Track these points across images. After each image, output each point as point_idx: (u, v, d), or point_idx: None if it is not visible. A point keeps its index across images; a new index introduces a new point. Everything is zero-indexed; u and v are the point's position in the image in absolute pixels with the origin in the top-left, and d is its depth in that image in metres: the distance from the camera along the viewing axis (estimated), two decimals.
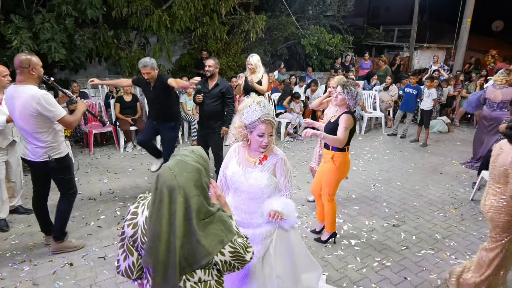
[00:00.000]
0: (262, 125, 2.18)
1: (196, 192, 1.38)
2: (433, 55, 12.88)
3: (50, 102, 2.94)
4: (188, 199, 1.36)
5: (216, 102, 4.70)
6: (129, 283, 3.03)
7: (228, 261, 1.48)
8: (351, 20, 15.23)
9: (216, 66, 4.67)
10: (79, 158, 6.15)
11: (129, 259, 1.57)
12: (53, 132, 3.11)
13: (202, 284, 1.49)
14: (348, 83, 3.41)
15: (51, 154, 3.10)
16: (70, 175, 3.33)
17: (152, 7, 7.73)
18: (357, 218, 4.28)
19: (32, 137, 3.04)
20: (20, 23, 6.15)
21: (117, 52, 7.89)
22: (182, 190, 1.36)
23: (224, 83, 4.78)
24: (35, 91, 2.92)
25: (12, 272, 3.16)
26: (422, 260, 3.49)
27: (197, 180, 1.40)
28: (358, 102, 3.41)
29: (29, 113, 2.92)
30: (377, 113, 8.43)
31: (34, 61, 2.99)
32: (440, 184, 5.39)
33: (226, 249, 1.45)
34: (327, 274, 3.22)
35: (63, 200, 3.36)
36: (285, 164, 2.37)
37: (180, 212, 1.35)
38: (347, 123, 3.31)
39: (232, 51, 9.74)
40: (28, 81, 2.98)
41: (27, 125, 2.99)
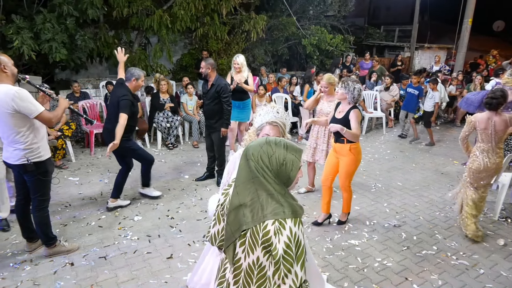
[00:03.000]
0: (268, 127, 2.15)
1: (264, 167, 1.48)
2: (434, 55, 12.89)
3: (24, 98, 2.84)
4: (273, 170, 1.47)
5: (213, 102, 4.86)
6: (131, 283, 3.03)
7: (280, 255, 1.45)
8: (352, 20, 15.23)
9: (208, 66, 4.77)
10: (80, 158, 6.16)
11: (216, 227, 1.71)
12: (33, 133, 3.00)
13: (258, 267, 1.51)
14: (348, 79, 3.67)
15: (29, 157, 3.00)
16: (47, 180, 3.21)
17: (153, 7, 7.73)
18: (358, 219, 4.28)
19: (10, 138, 2.95)
20: (21, 23, 6.15)
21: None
22: (256, 164, 1.47)
23: (219, 82, 4.82)
24: (9, 88, 2.84)
25: (13, 272, 3.16)
26: (423, 260, 3.49)
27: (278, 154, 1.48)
28: (357, 97, 3.61)
29: (6, 113, 2.84)
30: (378, 113, 8.42)
31: (4, 59, 2.91)
32: (441, 184, 5.39)
33: (284, 234, 1.46)
34: (328, 274, 3.22)
35: (36, 207, 3.20)
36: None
37: (257, 178, 1.47)
38: (358, 118, 3.62)
39: (233, 51, 9.73)
40: (2, 80, 2.88)
41: (5, 125, 2.91)
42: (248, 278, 1.53)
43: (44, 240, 3.32)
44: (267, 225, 1.47)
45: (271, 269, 1.51)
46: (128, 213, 4.29)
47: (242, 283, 1.56)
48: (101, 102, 6.98)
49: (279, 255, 1.46)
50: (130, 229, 3.92)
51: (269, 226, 1.47)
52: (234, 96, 5.59)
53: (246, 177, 1.50)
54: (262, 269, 1.52)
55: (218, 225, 1.71)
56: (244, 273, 1.55)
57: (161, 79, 7.06)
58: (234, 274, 1.59)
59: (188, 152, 6.68)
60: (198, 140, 7.08)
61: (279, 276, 1.49)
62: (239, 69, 5.50)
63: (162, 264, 3.31)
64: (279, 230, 1.46)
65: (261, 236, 1.47)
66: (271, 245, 1.47)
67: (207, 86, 4.92)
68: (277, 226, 1.46)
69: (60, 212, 4.26)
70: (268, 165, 1.47)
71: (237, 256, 1.57)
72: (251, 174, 1.49)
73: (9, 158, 3.03)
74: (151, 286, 3.02)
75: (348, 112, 3.64)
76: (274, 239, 1.46)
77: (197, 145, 6.94)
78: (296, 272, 1.49)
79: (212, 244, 1.74)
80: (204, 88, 5.04)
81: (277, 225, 1.46)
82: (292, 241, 1.48)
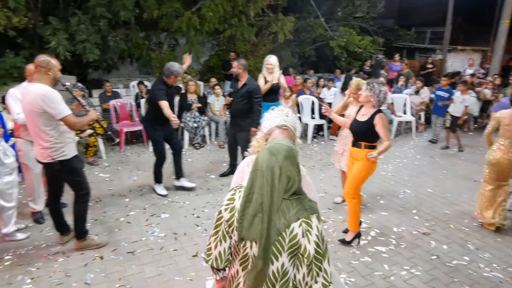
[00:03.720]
0: (277, 131, 1.98)
1: (292, 168, 1.47)
2: (467, 57, 12.46)
3: (54, 100, 2.94)
4: (285, 173, 1.45)
5: (244, 101, 4.95)
6: (157, 279, 3.09)
7: (312, 256, 1.46)
8: (381, 22, 14.93)
9: (239, 67, 4.89)
10: (110, 155, 6.33)
11: (221, 246, 1.62)
12: (58, 133, 3.09)
13: (281, 273, 1.49)
14: (373, 81, 3.50)
15: (54, 156, 3.09)
16: (78, 177, 3.31)
17: (182, 9, 7.86)
18: (385, 225, 4.19)
19: (38, 137, 3.06)
20: (57, 24, 6.41)
21: (148, 53, 8.07)
22: (281, 166, 1.44)
23: (252, 83, 4.96)
24: (42, 88, 2.94)
25: (47, 263, 3.29)
26: (454, 271, 3.37)
27: (293, 157, 1.49)
28: (382, 100, 3.45)
29: (35, 111, 2.94)
30: (407, 117, 8.22)
31: (53, 63, 3.04)
32: (473, 192, 5.17)
33: (312, 234, 1.47)
34: (353, 281, 3.17)
35: (76, 201, 3.37)
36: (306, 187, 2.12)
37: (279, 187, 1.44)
38: (385, 124, 3.45)
39: (260, 52, 9.76)
40: (41, 81, 3.00)
41: (33, 123, 3.02)
42: (271, 285, 1.50)
43: (77, 232, 3.45)
44: (293, 229, 1.45)
45: (301, 271, 1.50)
46: (155, 210, 4.37)
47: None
48: (131, 101, 7.16)
49: (311, 256, 1.46)
50: (157, 226, 4.00)
51: (296, 229, 1.46)
52: (267, 98, 5.52)
53: (256, 189, 1.46)
54: (286, 274, 1.51)
55: (224, 243, 1.61)
56: (266, 281, 1.51)
57: (188, 80, 7.16)
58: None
59: (214, 152, 6.74)
60: (224, 140, 7.14)
61: (312, 276, 1.49)
62: (272, 70, 5.45)
63: (187, 261, 3.36)
64: (307, 231, 1.46)
65: (288, 241, 1.45)
66: (299, 248, 1.47)
67: (237, 85, 4.99)
68: (304, 227, 1.46)
69: (91, 207, 4.36)
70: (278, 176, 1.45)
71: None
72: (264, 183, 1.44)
73: (38, 156, 3.17)
74: (177, 283, 3.07)
75: (373, 117, 3.46)
76: (302, 240, 1.46)
77: (223, 145, 6.99)
78: (325, 269, 1.52)
79: (217, 266, 1.64)
80: (234, 87, 5.07)
81: (304, 226, 1.46)
82: (320, 239, 1.49)
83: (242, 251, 1.55)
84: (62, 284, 3.01)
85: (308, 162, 6.22)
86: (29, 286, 2.98)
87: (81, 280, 3.07)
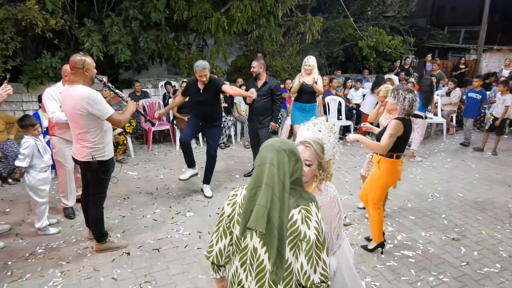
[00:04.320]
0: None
1: (297, 157, 1.52)
2: (504, 58, 11.91)
3: (98, 101, 3.00)
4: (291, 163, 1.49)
5: (266, 99, 5.11)
6: (181, 276, 3.15)
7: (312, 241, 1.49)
8: (413, 21, 14.52)
9: (260, 66, 5.03)
10: (138, 154, 6.50)
11: (221, 242, 1.66)
12: (101, 133, 3.15)
13: (285, 263, 1.52)
14: (400, 88, 3.29)
15: (95, 155, 3.14)
16: (107, 180, 3.36)
17: (211, 10, 7.96)
18: (412, 229, 4.08)
19: (80, 137, 3.10)
20: (91, 26, 6.64)
21: (177, 53, 8.23)
22: (288, 154, 1.49)
23: (273, 81, 5.15)
24: (84, 90, 2.97)
25: (77, 257, 3.42)
26: (485, 278, 3.24)
27: (296, 149, 1.54)
28: (408, 109, 3.20)
29: (79, 113, 2.98)
30: (438, 119, 7.96)
31: (88, 62, 3.06)
32: (508, 197, 4.97)
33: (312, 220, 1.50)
34: (378, 285, 3.11)
35: (93, 204, 3.35)
36: (333, 209, 1.98)
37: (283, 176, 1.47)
38: (393, 130, 3.18)
39: (287, 53, 9.73)
40: (80, 82, 3.03)
41: (76, 125, 3.08)
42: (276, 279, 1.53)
43: (96, 235, 3.47)
44: (293, 215, 1.49)
45: (299, 259, 1.51)
46: (181, 208, 4.45)
47: (268, 285, 1.54)
48: (159, 101, 7.31)
49: (312, 241, 1.49)
50: (182, 224, 4.07)
51: (295, 215, 1.49)
52: (302, 98, 5.55)
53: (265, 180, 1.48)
54: (289, 266, 1.53)
55: (225, 239, 1.65)
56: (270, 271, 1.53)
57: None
58: (257, 279, 1.55)
59: (240, 152, 6.78)
60: (249, 140, 7.17)
61: (311, 264, 1.50)
62: (310, 71, 5.39)
63: None
64: (307, 217, 1.50)
65: (288, 227, 1.49)
66: (299, 234, 1.50)
67: (257, 84, 5.10)
68: (304, 214, 1.50)
69: (119, 204, 4.53)
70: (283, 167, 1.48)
71: (259, 259, 1.54)
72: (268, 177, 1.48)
73: (76, 154, 3.22)
74: (201, 281, 3.11)
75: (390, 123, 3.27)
76: (302, 227, 1.49)
77: (248, 145, 7.01)
78: (324, 260, 1.54)
79: (217, 263, 1.68)
80: (254, 86, 5.07)
81: (303, 212, 1.50)
82: (319, 227, 1.52)
83: (243, 244, 1.58)
84: (91, 279, 3.12)
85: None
86: (59, 279, 3.10)
87: (109, 275, 3.17)
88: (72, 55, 3.09)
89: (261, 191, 1.47)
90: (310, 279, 1.51)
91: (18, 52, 6.58)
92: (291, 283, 1.56)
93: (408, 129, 3.28)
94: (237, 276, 1.63)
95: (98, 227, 3.44)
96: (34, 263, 3.31)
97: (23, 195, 4.57)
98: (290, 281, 1.55)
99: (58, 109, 3.78)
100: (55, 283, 3.04)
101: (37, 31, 5.95)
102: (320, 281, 1.52)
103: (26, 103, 6.66)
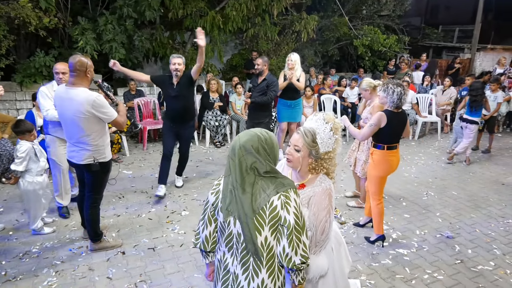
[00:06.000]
0: (294, 134, 1.99)
1: (252, 150, 1.59)
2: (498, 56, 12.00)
3: (103, 105, 3.00)
4: (244, 156, 1.59)
5: (262, 94, 5.24)
6: (177, 275, 3.14)
7: (292, 225, 1.59)
8: (408, 20, 14.58)
9: (264, 64, 5.17)
10: (133, 153, 6.47)
11: (207, 230, 1.78)
12: (102, 136, 3.16)
13: (267, 247, 1.62)
14: (389, 81, 3.45)
15: (96, 157, 3.13)
16: (105, 181, 3.36)
17: (206, 9, 7.94)
18: (407, 227, 4.10)
19: (79, 140, 3.07)
20: (85, 24, 6.59)
21: (172, 52, 8.18)
22: (241, 148, 1.59)
23: (271, 78, 5.30)
24: (89, 93, 2.95)
25: (71, 256, 3.40)
26: (479, 276, 3.27)
27: (254, 142, 1.60)
28: (396, 101, 3.33)
29: (82, 117, 2.96)
30: (432, 118, 8.01)
31: (90, 64, 3.05)
32: (501, 195, 5.01)
33: (291, 205, 1.59)
34: (373, 283, 3.12)
35: (88, 205, 3.33)
36: (323, 202, 1.93)
37: (240, 166, 1.59)
38: (373, 121, 3.38)
39: (283, 51, 9.74)
40: (81, 84, 3.00)
41: (77, 128, 3.03)
42: (258, 261, 1.62)
43: (91, 235, 3.45)
44: (273, 201, 1.58)
45: (281, 243, 1.61)
46: (176, 207, 4.44)
47: (252, 268, 1.64)
48: (154, 100, 7.28)
49: (291, 226, 1.60)
50: (178, 223, 4.06)
51: (275, 201, 1.58)
52: (286, 95, 5.70)
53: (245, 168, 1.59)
54: (271, 249, 1.64)
55: (210, 226, 1.77)
56: (253, 257, 1.63)
57: (211, 79, 7.23)
58: (242, 262, 1.65)
59: None
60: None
61: (292, 247, 1.60)
62: (292, 66, 5.52)
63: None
64: (286, 203, 1.59)
65: (268, 214, 1.58)
66: (280, 219, 1.60)
67: (257, 80, 5.28)
68: (283, 200, 1.59)
69: (114, 203, 4.51)
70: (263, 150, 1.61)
71: (243, 244, 1.64)
72: (231, 165, 1.62)
73: (74, 157, 3.17)
74: (196, 280, 3.11)
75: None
76: (282, 212, 1.59)
77: None
78: (304, 242, 1.65)
79: (204, 249, 1.81)
80: (255, 82, 5.35)
81: (283, 198, 1.59)
82: (298, 211, 1.61)
83: (227, 230, 1.67)
84: (85, 278, 3.11)
85: None
86: (54, 279, 3.08)
87: (104, 274, 3.16)
88: (72, 56, 3.06)
89: (228, 180, 1.64)
90: (292, 261, 1.62)
91: (11, 51, 6.51)
92: (274, 265, 1.66)
93: (395, 121, 3.41)
94: (224, 260, 1.73)
95: (93, 227, 3.42)
96: (28, 263, 3.29)
97: (17, 194, 4.53)
98: (272, 263, 1.65)
99: (52, 107, 3.74)
100: (50, 283, 3.03)
101: (31, 29, 5.90)
102: (301, 262, 1.63)
103: (19, 102, 6.61)
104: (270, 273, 1.65)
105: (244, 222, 1.58)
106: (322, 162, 2.02)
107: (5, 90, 3.75)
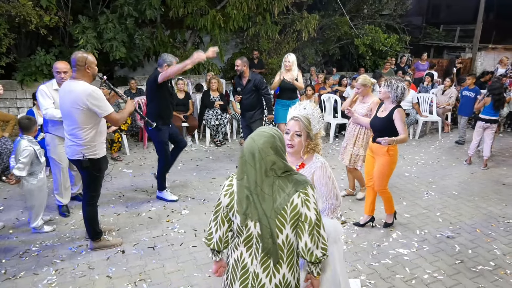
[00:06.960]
0: (291, 122, 2.14)
1: (271, 152, 1.60)
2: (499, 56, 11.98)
3: (99, 98, 3.00)
4: (264, 159, 1.59)
5: (252, 96, 5.33)
6: (176, 274, 3.14)
7: (314, 222, 1.64)
8: (409, 19, 14.55)
9: (244, 64, 5.25)
10: (134, 152, 6.47)
11: (220, 230, 1.79)
12: (94, 131, 3.13)
13: (288, 244, 1.66)
14: (391, 77, 3.65)
15: (85, 154, 3.12)
16: (100, 177, 3.33)
17: (207, 7, 7.93)
18: (407, 227, 4.10)
19: (72, 134, 3.09)
20: (86, 23, 6.59)
21: (173, 51, 8.18)
22: (261, 151, 1.59)
23: (255, 77, 5.34)
24: (86, 86, 2.99)
25: (71, 255, 3.40)
26: (479, 276, 3.27)
27: (272, 143, 1.61)
28: (400, 96, 3.55)
29: (77, 109, 2.98)
30: (433, 118, 7.99)
31: (90, 59, 3.07)
32: (502, 196, 5.01)
33: (311, 202, 1.64)
34: (373, 283, 3.12)
35: (85, 203, 3.34)
36: (325, 173, 2.20)
37: (260, 170, 1.59)
38: (403, 118, 3.55)
39: (284, 50, 9.72)
40: (82, 78, 3.04)
41: (72, 121, 3.06)
42: (279, 258, 1.66)
43: (91, 234, 3.44)
44: (293, 200, 1.61)
45: (303, 239, 1.66)
46: (176, 206, 4.44)
47: (273, 265, 1.66)
48: None
49: (313, 222, 1.65)
50: (178, 222, 4.06)
51: (295, 200, 1.62)
52: (284, 95, 5.69)
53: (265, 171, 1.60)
54: (291, 245, 1.69)
55: (223, 227, 1.78)
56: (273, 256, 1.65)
57: (211, 78, 7.22)
58: (262, 261, 1.66)
59: (235, 150, 6.77)
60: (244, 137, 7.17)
61: (314, 242, 1.66)
62: (290, 67, 5.53)
63: (206, 258, 3.39)
64: (306, 201, 1.63)
65: (289, 213, 1.61)
66: (300, 216, 1.64)
67: (242, 82, 5.34)
68: (303, 197, 1.63)
69: (114, 202, 4.51)
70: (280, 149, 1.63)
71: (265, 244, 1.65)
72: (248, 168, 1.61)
73: (68, 152, 3.21)
74: (196, 279, 3.11)
75: (392, 112, 3.59)
76: (302, 210, 1.63)
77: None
78: (322, 234, 1.71)
79: (218, 249, 1.82)
80: (240, 85, 5.40)
81: (302, 196, 1.63)
82: (316, 205, 1.67)
83: (246, 232, 1.67)
84: (85, 277, 3.11)
85: (329, 161, 6.13)
86: (54, 277, 3.08)
87: (103, 273, 3.16)
88: (74, 52, 3.10)
89: (244, 182, 1.63)
90: (313, 255, 1.68)
91: (12, 49, 6.52)
92: (293, 260, 1.71)
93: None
94: (242, 260, 1.72)
95: (92, 225, 3.42)
96: (28, 261, 3.29)
97: (17, 192, 4.54)
98: (292, 258, 1.70)
99: (51, 106, 3.75)
100: (50, 281, 3.03)
101: (31, 27, 5.90)
102: (322, 255, 1.70)
103: (20, 100, 6.62)
104: (290, 268, 1.69)
105: (265, 225, 1.59)
106: (316, 142, 2.24)
107: (5, 88, 3.76)
